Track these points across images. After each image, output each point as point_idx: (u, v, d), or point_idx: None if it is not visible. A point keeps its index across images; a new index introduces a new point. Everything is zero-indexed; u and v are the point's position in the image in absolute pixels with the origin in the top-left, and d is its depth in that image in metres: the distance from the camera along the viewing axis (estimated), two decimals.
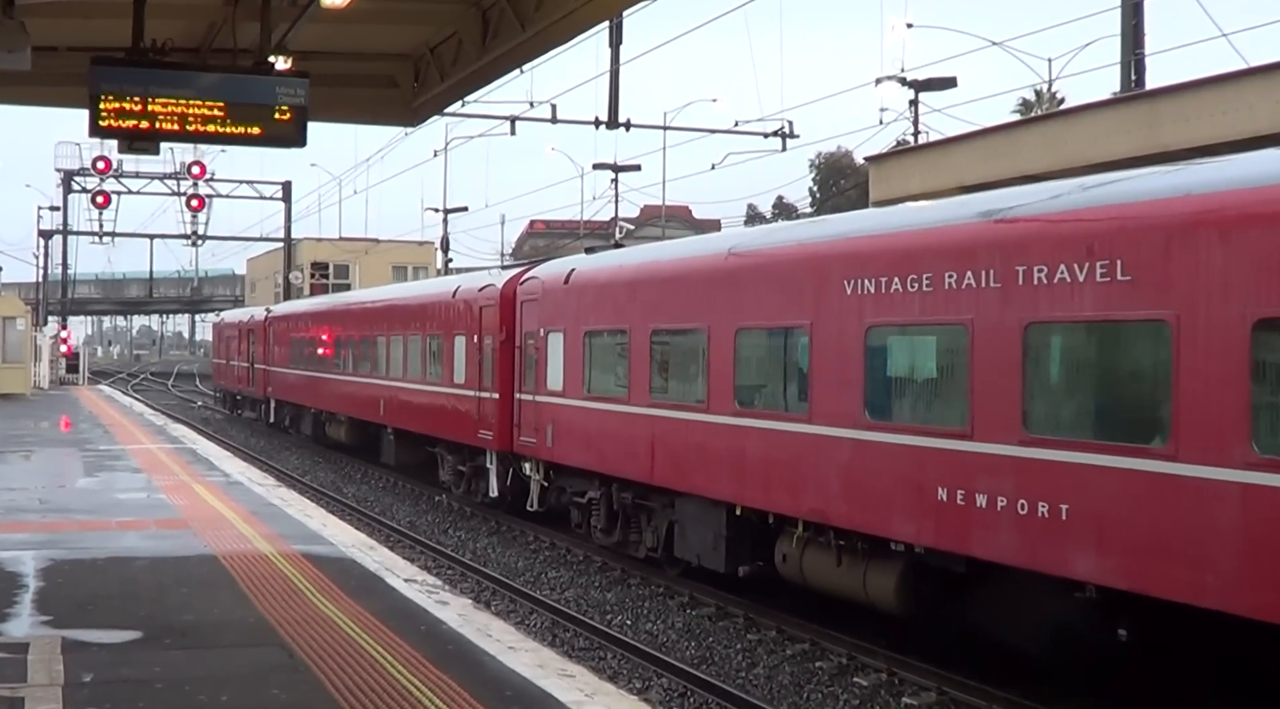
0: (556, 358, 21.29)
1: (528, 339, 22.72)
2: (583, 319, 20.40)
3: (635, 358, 18.66)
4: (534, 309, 22.51)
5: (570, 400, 20.71)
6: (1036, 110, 53.05)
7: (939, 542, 12.72)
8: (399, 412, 30.96)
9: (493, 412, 24.06)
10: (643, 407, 18.38)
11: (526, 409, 22.64)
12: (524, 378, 22.88)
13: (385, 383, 32.01)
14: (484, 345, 24.72)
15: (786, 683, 14.12)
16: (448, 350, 27.06)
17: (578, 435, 20.54)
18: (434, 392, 27.98)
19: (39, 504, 20.28)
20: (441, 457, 28.29)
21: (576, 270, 21.15)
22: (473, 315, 25.52)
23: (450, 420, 26.78)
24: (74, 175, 68.30)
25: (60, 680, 9.67)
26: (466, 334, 25.88)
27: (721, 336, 16.40)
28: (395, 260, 74.42)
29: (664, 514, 18.45)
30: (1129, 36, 27.34)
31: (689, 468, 17.23)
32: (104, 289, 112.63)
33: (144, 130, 12.70)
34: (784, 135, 40.45)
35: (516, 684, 9.97)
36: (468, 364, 25.65)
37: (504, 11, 14.90)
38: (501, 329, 23.81)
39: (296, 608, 12.49)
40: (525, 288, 23.20)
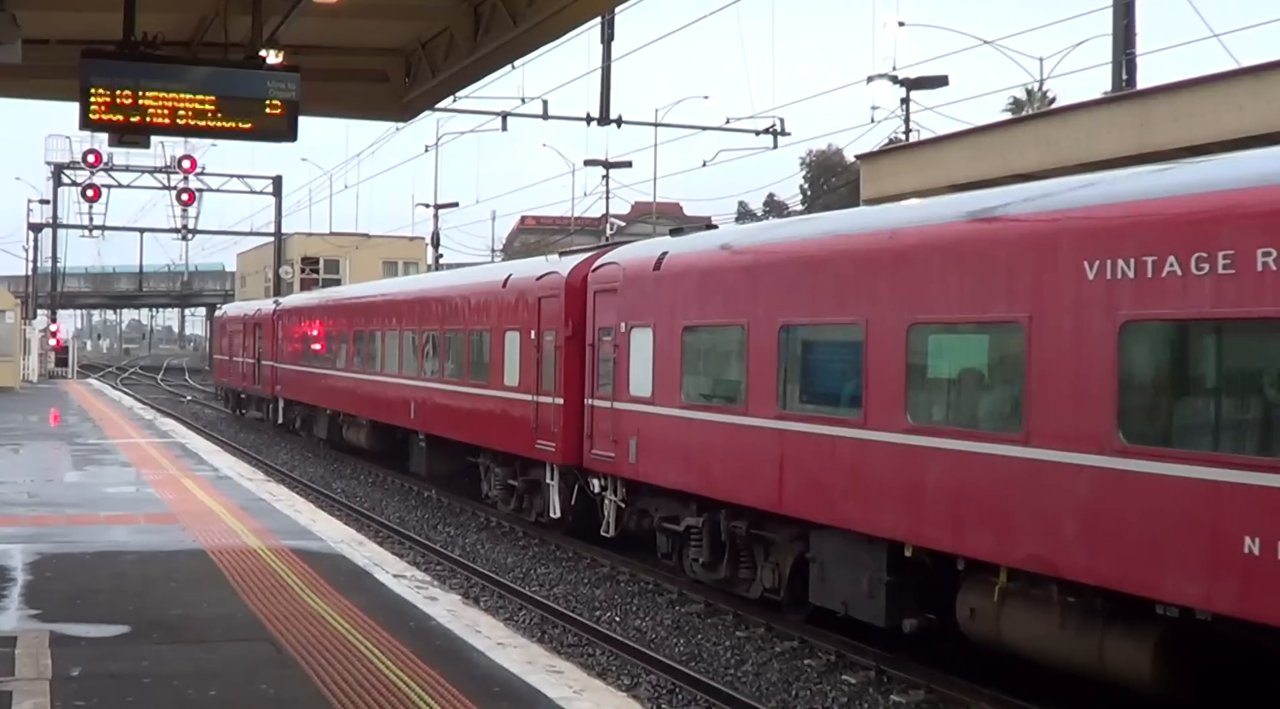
0: (643, 358, 18.20)
1: (602, 335, 19.55)
2: (680, 312, 17.36)
3: (756, 359, 15.52)
4: (611, 301, 19.31)
5: (662, 409, 17.64)
6: (1028, 109, 53.14)
7: (1244, 609, 9.66)
8: (433, 416, 27.75)
9: (555, 419, 20.90)
10: (767, 418, 15.20)
11: (601, 417, 19.42)
12: (598, 381, 19.66)
13: (417, 383, 28.69)
14: (543, 342, 21.65)
15: (775, 680, 14.13)
16: (496, 348, 24.10)
17: (672, 450, 17.46)
18: (478, 394, 24.87)
19: (27, 498, 20.24)
20: (486, 469, 25.19)
21: (670, 254, 17.99)
22: (529, 308, 22.37)
23: (499, 428, 23.70)
24: (64, 168, 68.14)
25: (48, 674, 9.65)
26: (520, 329, 22.76)
27: (885, 334, 13.30)
28: (386, 255, 74.37)
29: (790, 548, 15.40)
30: (1120, 36, 27.38)
31: (835, 495, 14.03)
32: (94, 282, 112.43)
33: (134, 124, 12.68)
34: (775, 133, 40.50)
35: (505, 680, 9.96)
36: (522, 364, 22.59)
37: (496, 7, 14.89)
38: (567, 323, 20.64)
39: (285, 603, 12.48)
40: (599, 276, 19.90)
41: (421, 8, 15.84)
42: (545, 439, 21.27)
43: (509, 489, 23.87)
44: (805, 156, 77.80)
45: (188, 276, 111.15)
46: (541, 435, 21.38)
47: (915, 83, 41.35)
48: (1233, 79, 22.14)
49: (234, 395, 53.82)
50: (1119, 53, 27.30)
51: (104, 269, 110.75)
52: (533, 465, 22.60)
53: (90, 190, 61.96)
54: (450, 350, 27.06)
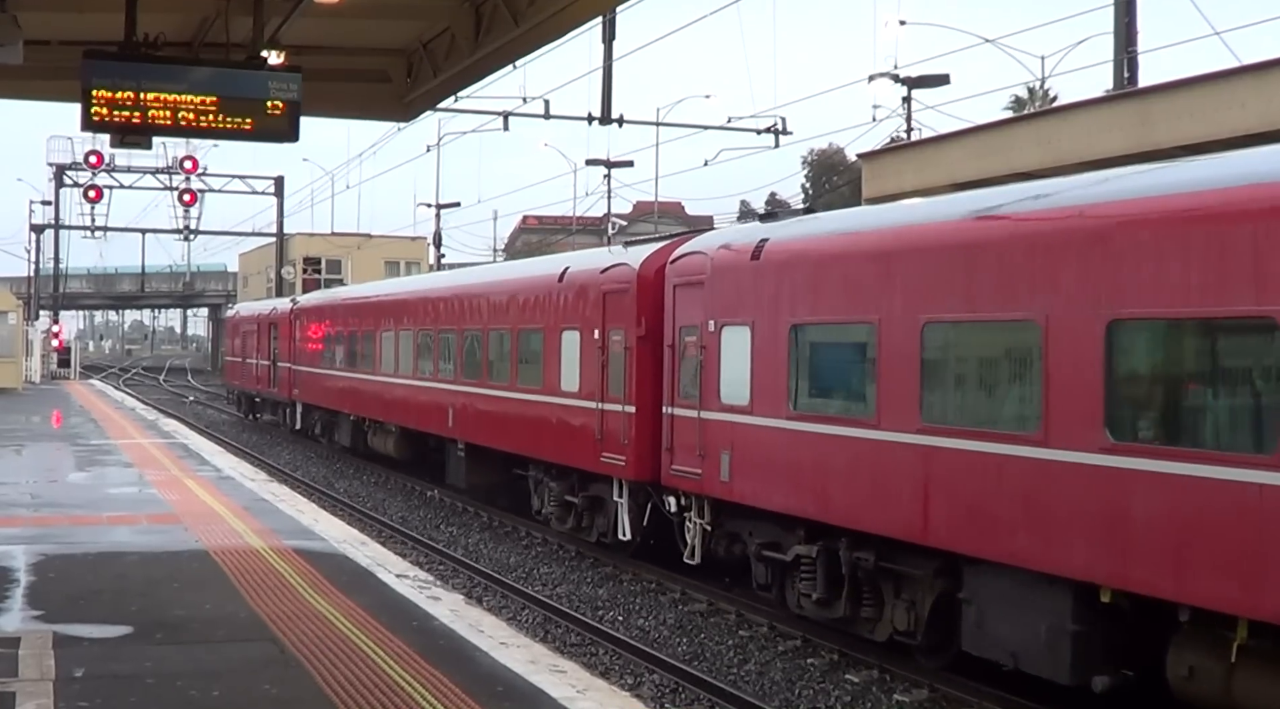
0: (738, 360, 15.94)
1: (685, 335, 17.33)
2: (786, 307, 15.11)
3: (890, 362, 13.21)
4: (695, 295, 17.08)
5: (764, 419, 15.35)
6: (1029, 108, 53.13)
7: None
8: (475, 424, 25.35)
9: (626, 430, 18.65)
10: (905, 432, 12.91)
11: (685, 429, 17.13)
12: (679, 387, 17.40)
13: (456, 388, 26.27)
14: (609, 342, 19.45)
15: (778, 679, 14.13)
16: (550, 349, 21.66)
17: (776, 468, 15.15)
18: (529, 401, 22.46)
19: (30, 499, 20.25)
20: (538, 483, 22.74)
21: (772, 242, 15.74)
22: (591, 304, 20.07)
23: (554, 438, 21.33)
24: (66, 169, 68.13)
25: (51, 675, 9.66)
26: (581, 328, 20.42)
27: (1074, 332, 11.10)
28: (388, 255, 74.36)
29: (930, 585, 13.13)
30: (1121, 34, 27.36)
31: (1001, 525, 11.76)
32: (96, 283, 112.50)
33: (136, 124, 12.69)
34: (777, 132, 40.46)
35: (508, 680, 9.97)
36: (583, 367, 20.26)
37: (497, 7, 14.89)
38: (639, 322, 18.47)
39: (288, 603, 12.49)
40: (680, 267, 17.67)
41: (423, 8, 15.84)
42: (613, 452, 19.04)
43: (565, 506, 21.34)
44: (807, 155, 77.88)
45: (190, 277, 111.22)
46: (608, 447, 19.17)
47: (917, 81, 41.31)
48: (1234, 77, 22.13)
49: (247, 399, 51.23)
50: (1120, 51, 27.29)
51: (106, 270, 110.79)
52: (595, 480, 20.16)
53: (92, 191, 61.95)
54: (494, 352, 24.64)
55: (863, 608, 14.15)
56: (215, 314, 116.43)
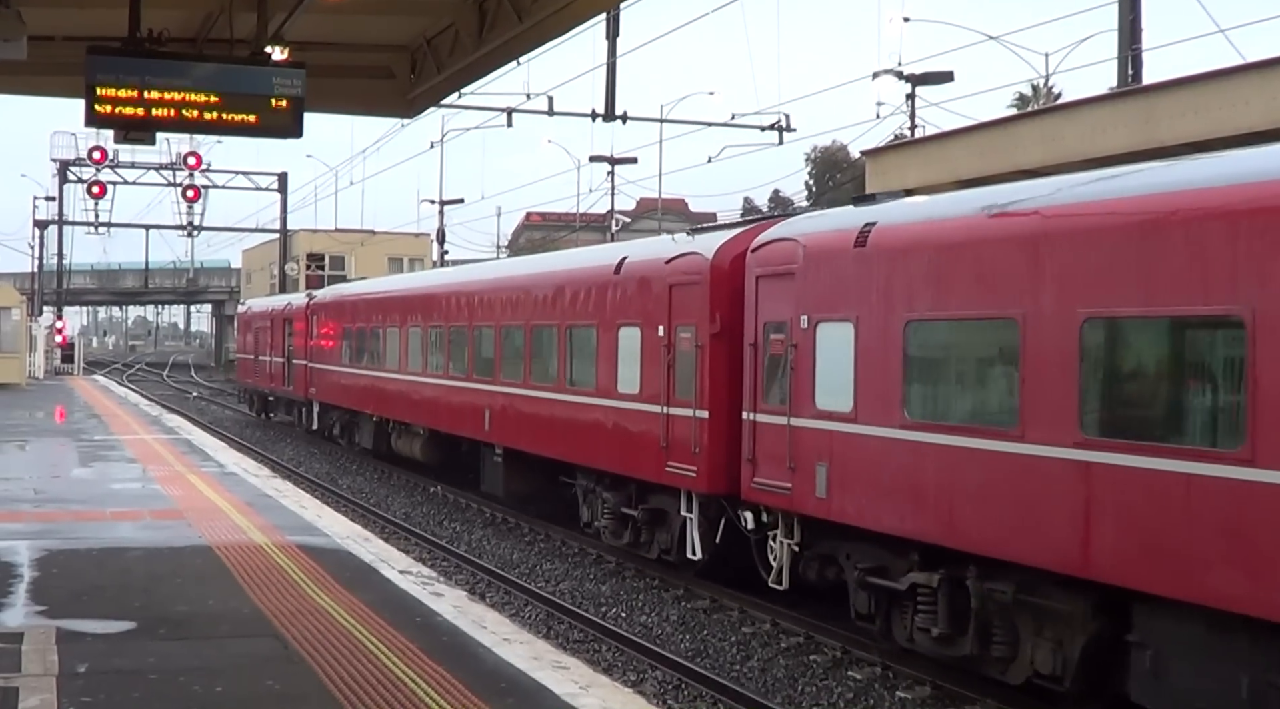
0: (837, 361, 14.19)
1: (770, 332, 15.52)
2: (901, 301, 13.26)
3: (1038, 364, 11.44)
4: (784, 288, 15.24)
5: (871, 428, 13.60)
6: (1033, 105, 53.11)
7: None
8: (515, 428, 23.44)
9: (698, 438, 16.87)
10: (1058, 446, 11.10)
11: (771, 437, 15.35)
12: (762, 390, 15.63)
13: (495, 389, 24.31)
14: (676, 340, 17.67)
15: (781, 676, 14.13)
16: (605, 347, 19.79)
17: (887, 483, 13.32)
18: (579, 403, 20.62)
19: (34, 494, 20.27)
20: (586, 493, 20.94)
21: (881, 225, 13.85)
22: (654, 298, 18.29)
23: (610, 445, 19.53)
24: (70, 165, 68.11)
25: (55, 670, 9.68)
26: (642, 324, 18.61)
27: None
28: (391, 252, 74.34)
29: (1083, 625, 11.38)
30: (1126, 31, 27.34)
31: (1194, 557, 9.99)
32: (99, 279, 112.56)
33: (140, 120, 12.68)
34: (781, 129, 40.46)
35: (511, 676, 9.98)
36: (644, 367, 18.49)
37: (501, 3, 14.88)
38: (714, 317, 16.73)
39: (291, 599, 12.50)
40: (765, 256, 15.81)
41: (426, 4, 15.84)
42: (681, 462, 17.25)
43: (621, 519, 19.50)
44: (810, 152, 77.90)
45: (193, 273, 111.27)
46: (675, 457, 17.40)
47: (920, 78, 41.32)
48: (1239, 74, 22.11)
49: (259, 398, 49.24)
50: (1125, 48, 27.27)
51: (109, 266, 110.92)
52: (658, 492, 18.35)
53: (96, 187, 62.01)
54: (539, 350, 22.66)
55: (993, 646, 12.28)
56: (218, 310, 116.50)
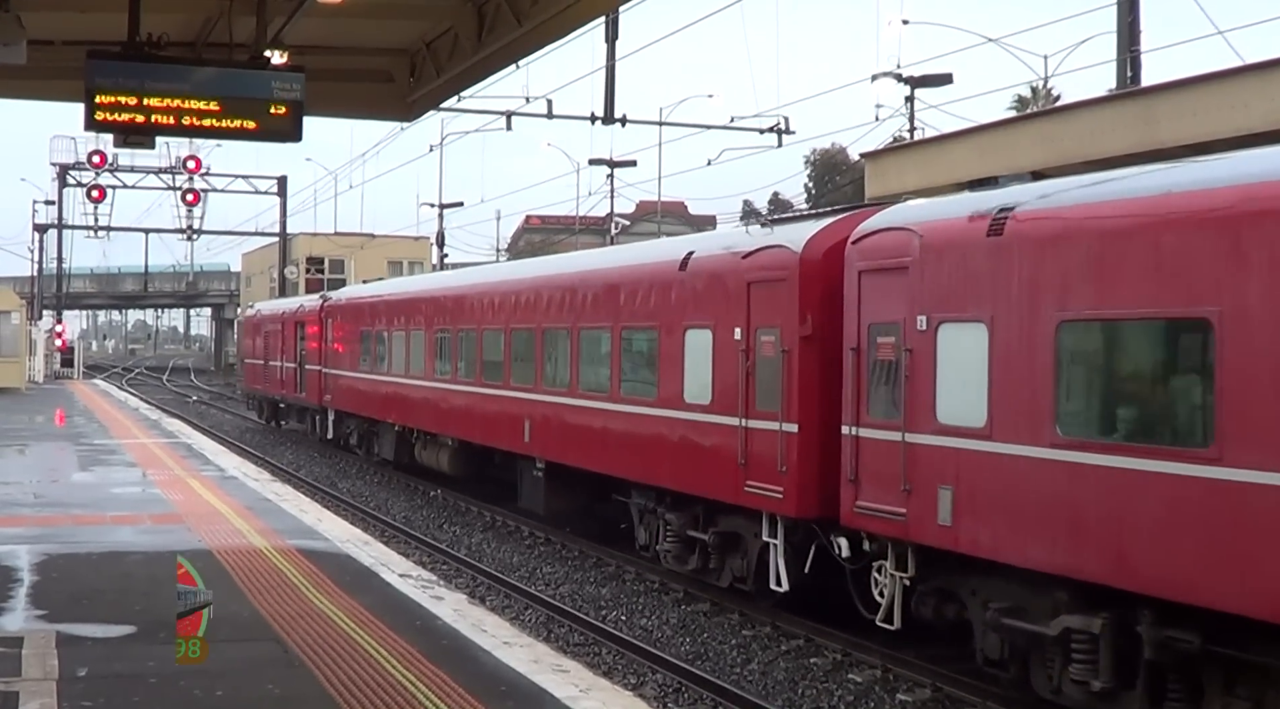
0: (966, 368, 12.44)
1: (877, 335, 13.68)
2: (1051, 298, 11.47)
3: (1242, 373, 9.75)
4: (895, 284, 13.39)
5: (1010, 446, 11.81)
6: (1032, 107, 53.12)
7: None
8: (560, 439, 21.33)
9: (782, 453, 15.00)
10: (1269, 471, 9.47)
11: (878, 454, 13.50)
12: (866, 401, 13.81)
13: (536, 397, 22.28)
14: (756, 344, 15.76)
15: (781, 679, 14.13)
16: (668, 352, 17.88)
17: (1033, 511, 11.50)
18: (636, 414, 18.66)
19: (34, 499, 20.28)
20: (644, 512, 18.93)
21: (1022, 210, 12.00)
22: (729, 296, 16.39)
23: (674, 460, 17.62)
24: (69, 169, 68.16)
25: (55, 675, 9.69)
26: (713, 327, 16.66)
27: None
28: (391, 255, 74.33)
29: None
30: (1125, 33, 27.35)
31: None
32: (99, 283, 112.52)
33: (139, 124, 12.71)
34: (780, 131, 40.47)
35: (511, 679, 9.98)
36: (716, 375, 16.58)
37: (500, 7, 14.91)
38: (803, 318, 14.88)
39: (291, 603, 12.50)
40: (869, 248, 13.93)
41: (426, 7, 15.86)
42: (763, 481, 15.38)
43: (687, 543, 17.62)
44: (810, 155, 77.91)
45: (193, 277, 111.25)
46: (756, 475, 15.53)
47: (920, 81, 41.33)
48: (1238, 76, 22.11)
49: (269, 405, 47.26)
50: (1123, 50, 27.28)
51: (109, 270, 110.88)
52: (731, 513, 16.54)
53: (95, 191, 62.03)
54: (587, 355, 20.73)
55: (1168, 703, 10.66)
56: (218, 314, 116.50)
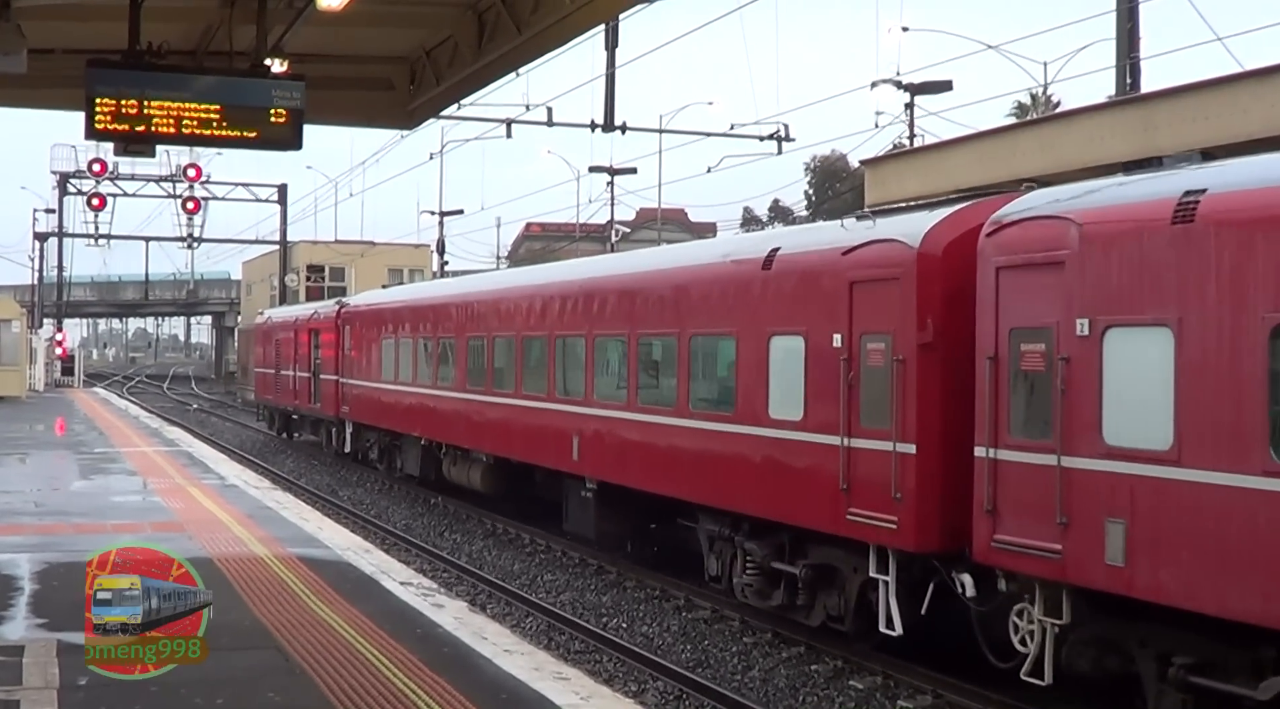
0: (1143, 380, 10.90)
1: (1020, 342, 11.90)
2: (1263, 295, 9.96)
3: None
4: (1046, 282, 11.68)
5: (1205, 473, 10.20)
6: (1032, 114, 53.15)
7: None
8: (616, 457, 19.32)
9: (898, 478, 13.13)
10: None
11: (1025, 481, 11.76)
12: (1010, 418, 11.99)
13: (587, 410, 20.32)
14: (861, 352, 13.88)
15: (782, 686, 14.13)
16: (749, 361, 15.94)
17: (1242, 551, 9.87)
18: (709, 431, 16.71)
19: (34, 507, 20.28)
20: (715, 540, 16.98)
21: (1216, 192, 10.55)
22: (826, 298, 14.47)
23: (756, 482, 15.65)
24: (70, 177, 68.16)
25: (55, 683, 9.69)
26: (807, 332, 14.77)
27: None
28: (391, 263, 74.31)
29: None
30: (1124, 40, 27.38)
31: None
32: (99, 291, 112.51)
33: (140, 133, 12.71)
34: (780, 138, 40.49)
35: (512, 687, 9.99)
36: (811, 386, 14.65)
37: (500, 15, 14.92)
38: (922, 322, 13.06)
39: (292, 611, 12.50)
40: (1010, 241, 12.14)
41: (426, 16, 15.87)
42: (871, 508, 13.48)
43: (770, 576, 15.76)
44: (810, 162, 78.02)
45: (193, 285, 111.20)
46: (862, 501, 13.64)
47: (919, 88, 41.36)
48: (1236, 82, 22.14)
49: (281, 416, 45.55)
50: (1123, 56, 27.31)
51: (109, 278, 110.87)
52: (822, 543, 14.75)
53: (96, 199, 62.02)
54: (647, 365, 18.98)
55: None
56: (219, 322, 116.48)
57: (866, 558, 13.84)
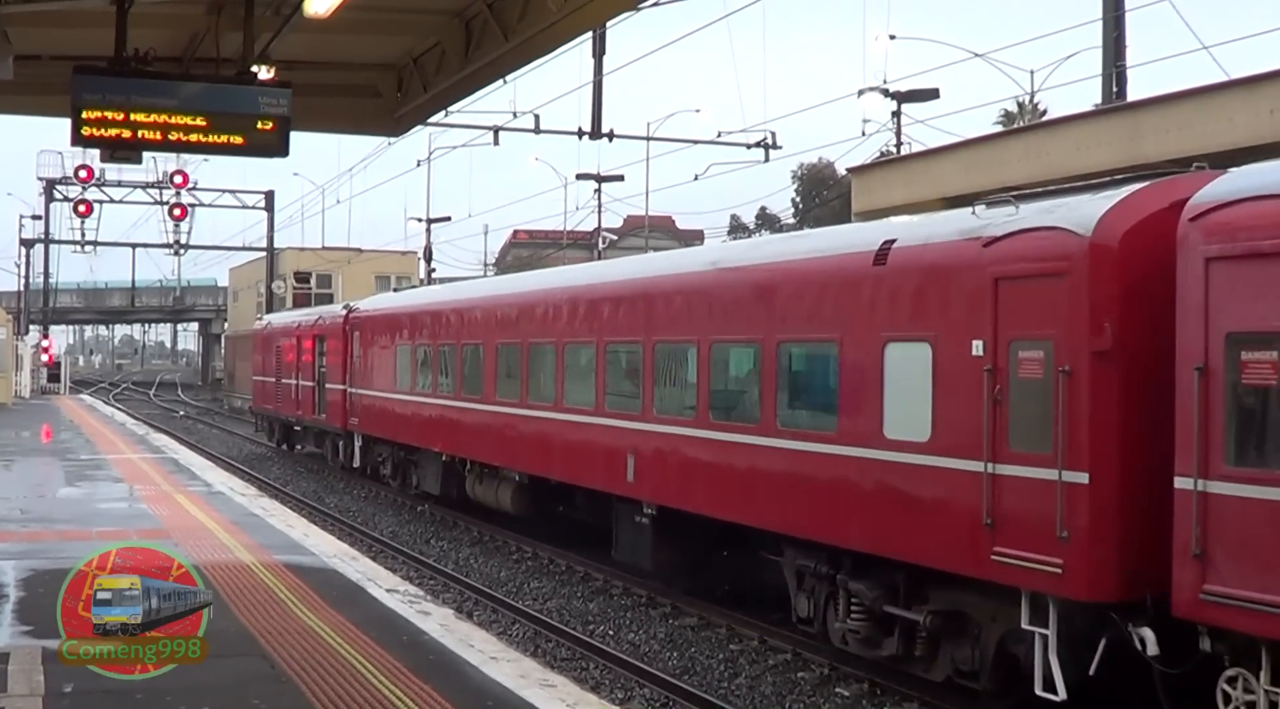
0: None
1: (1240, 350, 9.90)
2: None
3: None
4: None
5: None
6: (1019, 122, 53.29)
7: None
8: (682, 480, 17.13)
9: (1065, 513, 11.00)
10: None
11: (1246, 519, 9.83)
12: (1225, 441, 9.95)
13: (644, 426, 18.05)
14: (1011, 362, 11.68)
15: (769, 693, 14.13)
16: (858, 371, 13.69)
17: None
18: (804, 452, 14.50)
19: (20, 514, 20.23)
20: (805, 576, 14.94)
21: None
22: (960, 298, 12.34)
23: (867, 512, 13.46)
24: (56, 184, 68.08)
25: (40, 691, 9.67)
26: (935, 338, 12.60)
27: None
28: (378, 270, 74.28)
29: None
30: (1110, 48, 27.46)
31: None
32: (86, 298, 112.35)
33: (126, 140, 12.68)
34: (767, 146, 40.53)
35: (498, 694, 9.99)
36: (941, 401, 12.49)
37: (487, 22, 14.92)
38: (1097, 326, 10.92)
39: (278, 618, 12.48)
40: (1227, 224, 10.14)
41: (413, 23, 15.87)
42: (1026, 548, 11.30)
43: (881, 622, 13.67)
44: (797, 170, 77.98)
45: (180, 292, 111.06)
46: (1012, 539, 11.48)
47: (906, 96, 41.43)
48: (1223, 91, 22.22)
49: (281, 427, 43.28)
50: (1109, 65, 27.39)
51: (96, 284, 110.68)
52: (950, 586, 12.64)
53: (82, 206, 61.85)
54: (721, 376, 16.86)
55: None
56: (205, 329, 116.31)
57: (1010, 605, 11.70)
